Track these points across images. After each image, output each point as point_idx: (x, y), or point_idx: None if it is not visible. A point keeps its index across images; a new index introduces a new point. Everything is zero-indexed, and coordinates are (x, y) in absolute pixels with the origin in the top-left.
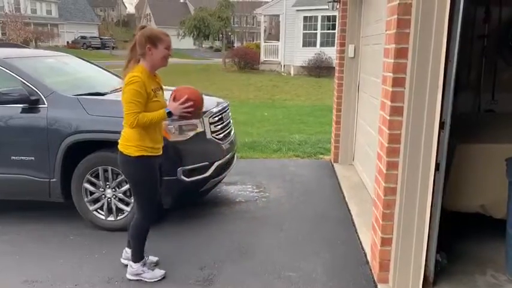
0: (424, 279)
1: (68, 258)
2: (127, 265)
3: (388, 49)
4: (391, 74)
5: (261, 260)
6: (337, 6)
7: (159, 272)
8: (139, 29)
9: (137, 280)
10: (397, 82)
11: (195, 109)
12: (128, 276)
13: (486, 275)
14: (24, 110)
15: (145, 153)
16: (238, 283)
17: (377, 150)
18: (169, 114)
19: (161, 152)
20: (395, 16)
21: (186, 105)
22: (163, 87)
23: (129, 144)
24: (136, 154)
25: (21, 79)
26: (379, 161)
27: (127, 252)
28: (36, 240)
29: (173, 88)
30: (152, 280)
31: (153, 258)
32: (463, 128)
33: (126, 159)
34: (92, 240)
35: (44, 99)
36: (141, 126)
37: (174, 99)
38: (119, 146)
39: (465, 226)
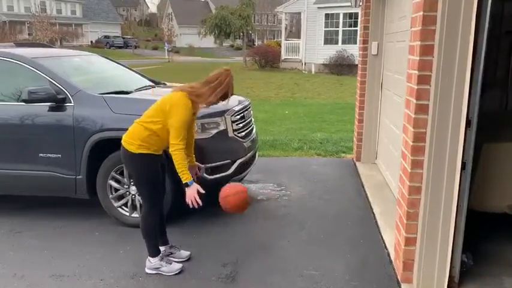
0: (449, 279)
1: (93, 254)
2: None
3: (413, 46)
4: (416, 72)
5: (283, 258)
6: (360, 3)
7: (176, 266)
8: (229, 72)
9: (157, 274)
10: (423, 80)
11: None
12: (147, 270)
13: None
14: (51, 109)
15: (146, 151)
16: (260, 281)
17: (401, 149)
18: (186, 185)
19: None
20: (421, 13)
21: (197, 199)
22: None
23: (133, 141)
24: (138, 151)
25: (48, 78)
26: (403, 160)
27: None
28: (63, 236)
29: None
30: (170, 274)
31: (185, 253)
32: (490, 126)
33: (128, 155)
34: (116, 236)
35: (70, 97)
36: (172, 154)
37: (222, 193)
38: (122, 141)
39: (492, 227)
